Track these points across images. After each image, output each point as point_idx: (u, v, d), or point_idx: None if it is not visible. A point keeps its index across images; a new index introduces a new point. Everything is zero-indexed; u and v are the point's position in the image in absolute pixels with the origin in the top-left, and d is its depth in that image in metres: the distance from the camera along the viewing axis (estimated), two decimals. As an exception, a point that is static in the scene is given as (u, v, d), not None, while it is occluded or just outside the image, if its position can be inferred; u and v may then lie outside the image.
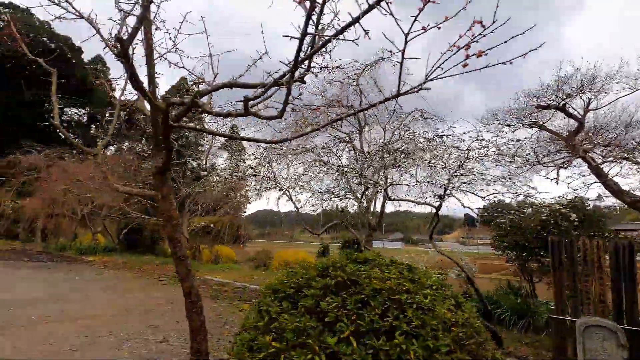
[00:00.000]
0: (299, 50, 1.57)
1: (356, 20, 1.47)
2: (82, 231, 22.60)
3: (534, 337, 6.08)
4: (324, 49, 1.70)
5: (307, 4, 1.48)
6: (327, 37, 1.58)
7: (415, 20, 1.44)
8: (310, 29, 1.76)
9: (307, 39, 2.02)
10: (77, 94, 39.25)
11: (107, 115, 45.91)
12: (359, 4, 1.47)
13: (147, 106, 4.19)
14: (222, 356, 4.86)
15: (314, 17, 1.50)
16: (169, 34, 3.38)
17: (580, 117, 7.13)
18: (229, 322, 6.57)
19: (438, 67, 1.59)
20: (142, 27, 2.03)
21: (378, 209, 11.44)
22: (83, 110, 43.23)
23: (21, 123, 34.21)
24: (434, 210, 5.83)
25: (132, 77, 1.59)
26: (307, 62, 1.97)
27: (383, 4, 1.45)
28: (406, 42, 1.54)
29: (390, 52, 1.73)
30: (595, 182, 7.16)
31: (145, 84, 3.18)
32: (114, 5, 2.69)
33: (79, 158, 20.18)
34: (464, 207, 5.03)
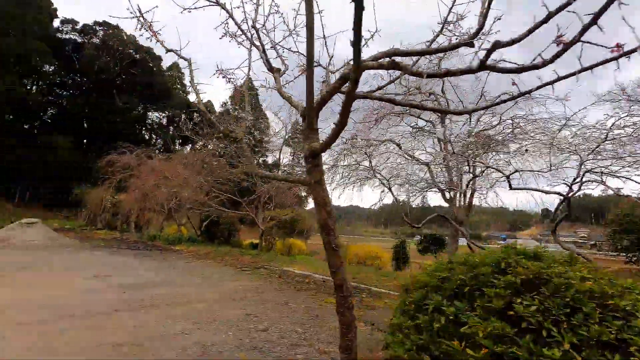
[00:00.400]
0: None
1: None
2: (165, 223, 24.82)
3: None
4: None
5: None
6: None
7: None
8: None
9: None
10: (158, 98, 43.31)
11: (182, 117, 49.92)
12: None
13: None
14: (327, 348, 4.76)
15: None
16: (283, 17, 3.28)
17: None
18: (320, 315, 6.52)
19: None
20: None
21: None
22: (163, 114, 47.53)
23: (114, 127, 38.60)
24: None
25: (357, 27, 1.41)
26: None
27: None
28: None
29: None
30: None
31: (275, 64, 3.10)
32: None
33: (167, 157, 22.16)
34: (619, 195, 4.26)
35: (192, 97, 47.46)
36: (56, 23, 38.73)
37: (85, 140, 39.83)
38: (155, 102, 43.95)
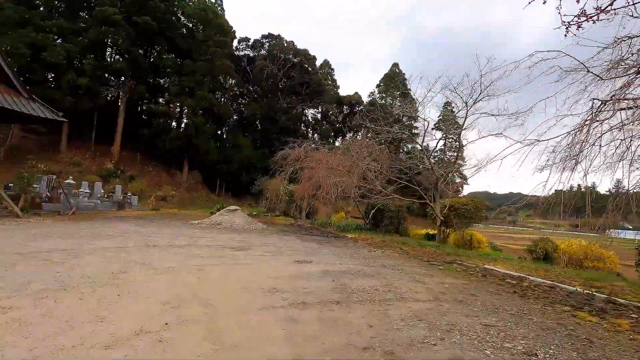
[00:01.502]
0: None
1: None
2: (332, 210, 26.07)
3: None
4: None
5: None
6: None
7: None
8: None
9: None
10: (313, 96, 46.57)
11: (334, 110, 52.22)
12: None
13: None
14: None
15: None
16: None
17: None
18: (596, 342, 4.70)
19: None
20: None
21: None
22: (317, 110, 51.06)
23: (280, 126, 43.55)
24: None
25: None
26: None
27: None
28: None
29: None
30: None
31: None
32: None
33: (329, 148, 23.14)
34: None
35: (342, 92, 49.13)
36: (234, 43, 46.24)
37: (259, 139, 46.42)
38: (310, 100, 47.55)
